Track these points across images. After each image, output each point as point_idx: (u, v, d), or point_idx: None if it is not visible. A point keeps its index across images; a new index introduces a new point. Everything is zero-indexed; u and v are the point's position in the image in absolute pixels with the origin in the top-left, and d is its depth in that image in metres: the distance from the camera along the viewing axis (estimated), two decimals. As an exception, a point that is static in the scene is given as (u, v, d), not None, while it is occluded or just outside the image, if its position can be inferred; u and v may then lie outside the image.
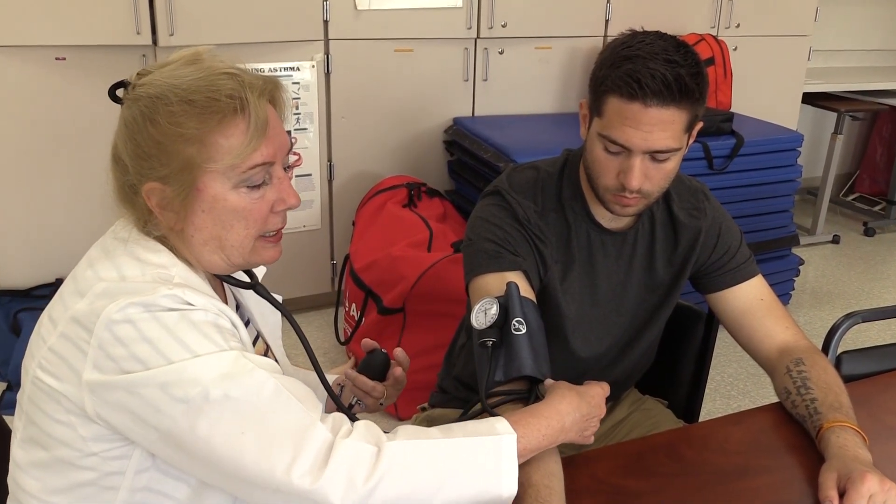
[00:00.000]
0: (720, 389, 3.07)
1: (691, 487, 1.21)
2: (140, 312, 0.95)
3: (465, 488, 1.01)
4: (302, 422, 0.97)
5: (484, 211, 1.47)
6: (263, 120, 1.03)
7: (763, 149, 3.34)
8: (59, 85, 2.86)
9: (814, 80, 4.53)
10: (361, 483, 0.95)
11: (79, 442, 0.99)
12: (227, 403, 0.94)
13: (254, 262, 1.11)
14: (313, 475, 0.94)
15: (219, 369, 0.95)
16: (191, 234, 1.06)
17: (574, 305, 1.49)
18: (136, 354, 0.94)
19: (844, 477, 1.15)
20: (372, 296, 2.87)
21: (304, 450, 0.95)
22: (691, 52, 1.29)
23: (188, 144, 1.00)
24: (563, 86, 3.68)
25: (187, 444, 0.95)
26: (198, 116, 1.00)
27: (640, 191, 1.33)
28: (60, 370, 0.97)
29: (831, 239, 4.62)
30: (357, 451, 0.97)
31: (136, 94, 1.03)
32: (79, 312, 0.97)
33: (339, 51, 3.19)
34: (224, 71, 1.03)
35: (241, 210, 1.05)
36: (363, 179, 3.35)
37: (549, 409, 1.15)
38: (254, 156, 1.02)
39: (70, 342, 0.97)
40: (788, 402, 1.38)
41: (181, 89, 1.00)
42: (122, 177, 1.06)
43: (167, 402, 0.94)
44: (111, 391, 0.95)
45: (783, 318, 1.50)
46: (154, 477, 1.03)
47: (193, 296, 0.99)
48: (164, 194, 1.03)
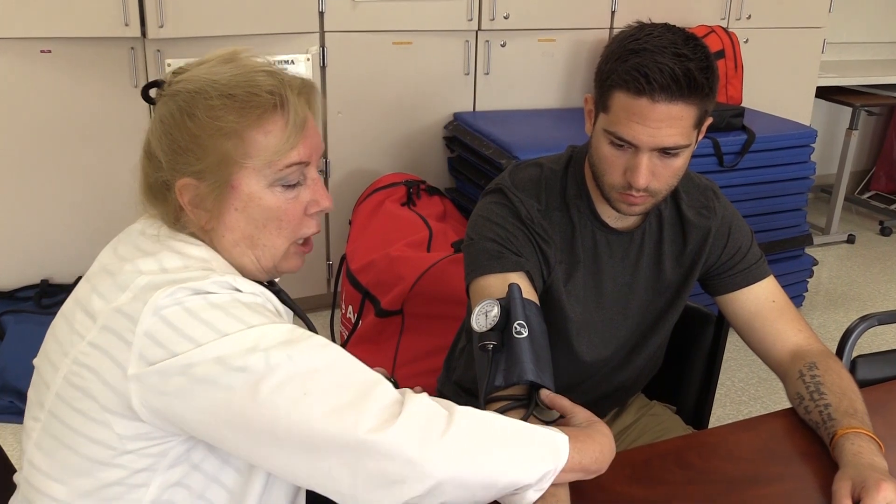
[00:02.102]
0: (730, 395, 3.07)
1: (700, 496, 1.21)
2: (189, 295, 0.97)
3: (517, 468, 1.03)
4: (369, 379, 0.99)
5: (485, 209, 1.47)
6: (303, 118, 1.06)
7: (775, 145, 3.34)
8: (44, 79, 2.86)
9: (828, 74, 4.53)
10: (438, 436, 0.97)
11: (114, 440, 0.99)
12: (289, 366, 0.95)
13: (282, 268, 1.13)
14: (386, 425, 0.94)
15: (277, 337, 0.97)
16: (222, 233, 1.08)
17: (579, 308, 1.49)
18: (187, 334, 0.95)
19: (859, 485, 1.15)
20: (369, 297, 2.87)
21: (374, 403, 0.96)
22: (701, 45, 1.30)
23: (226, 139, 1.03)
24: (568, 80, 3.68)
25: (248, 415, 0.94)
26: (237, 111, 1.02)
27: (647, 189, 1.34)
28: (102, 364, 0.98)
29: (846, 238, 4.62)
30: (429, 407, 1.00)
31: (172, 90, 1.05)
32: (123, 304, 0.98)
33: (335, 43, 3.19)
34: (263, 68, 1.06)
35: (275, 209, 1.07)
36: (360, 177, 3.35)
37: (603, 437, 1.16)
38: (291, 154, 1.05)
39: (113, 334, 0.97)
40: (801, 407, 1.38)
41: (221, 84, 1.03)
42: (154, 173, 1.07)
43: (224, 374, 0.94)
44: (160, 378, 0.95)
45: (796, 320, 1.50)
46: (185, 471, 1.03)
47: (241, 282, 1.02)
48: (197, 191, 1.05)
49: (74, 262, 3.06)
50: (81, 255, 3.07)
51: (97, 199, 3.04)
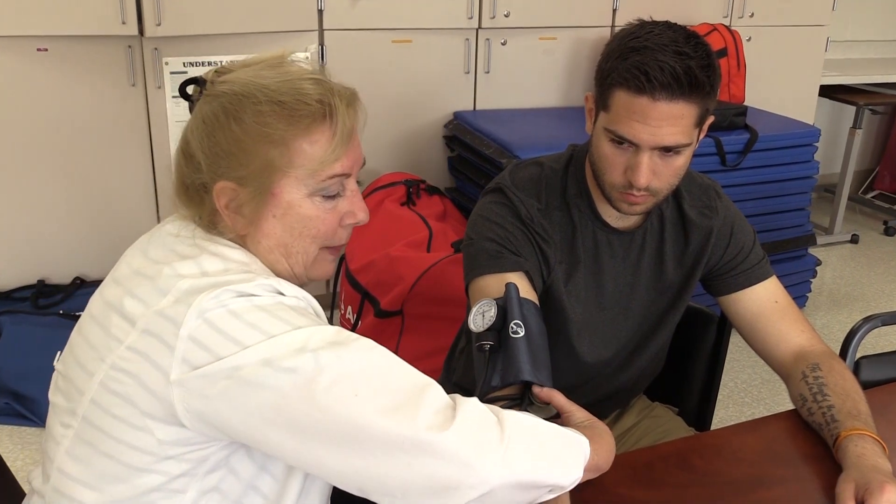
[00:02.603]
0: (733, 396, 3.07)
1: (703, 499, 1.21)
2: (234, 297, 0.96)
3: (560, 472, 1.04)
4: (419, 380, 0.99)
5: (485, 209, 1.47)
6: (350, 129, 1.07)
7: (778, 144, 3.34)
8: (40, 77, 2.86)
9: (831, 72, 4.53)
10: (494, 442, 0.96)
11: (154, 446, 0.98)
12: (339, 366, 0.94)
13: (312, 274, 1.13)
14: (441, 427, 0.94)
15: (325, 338, 0.96)
16: (258, 239, 1.07)
17: (579, 308, 1.49)
18: (233, 336, 0.94)
19: (863, 488, 1.15)
20: (369, 298, 2.87)
21: (426, 405, 0.95)
22: (702, 43, 1.30)
23: (272, 146, 1.02)
24: (569, 78, 3.68)
25: (299, 417, 0.93)
26: (287, 118, 1.02)
27: (648, 188, 1.34)
28: (142, 369, 0.96)
29: (850, 238, 4.62)
30: (482, 412, 0.99)
31: (217, 91, 1.04)
32: (165, 307, 0.97)
33: (334, 42, 3.19)
34: (311, 76, 1.06)
35: (313, 219, 1.07)
36: (360, 176, 3.34)
37: (607, 436, 1.17)
38: (335, 165, 1.06)
39: (154, 338, 0.96)
40: (804, 409, 1.38)
41: (270, 90, 1.02)
42: (192, 174, 1.06)
43: (272, 376, 0.92)
44: (204, 382, 0.94)
45: (799, 321, 1.50)
46: (223, 476, 1.03)
47: (285, 286, 1.01)
48: (236, 195, 1.04)
49: (71, 262, 3.06)
50: (78, 255, 3.08)
51: (94, 199, 3.04)
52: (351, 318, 2.98)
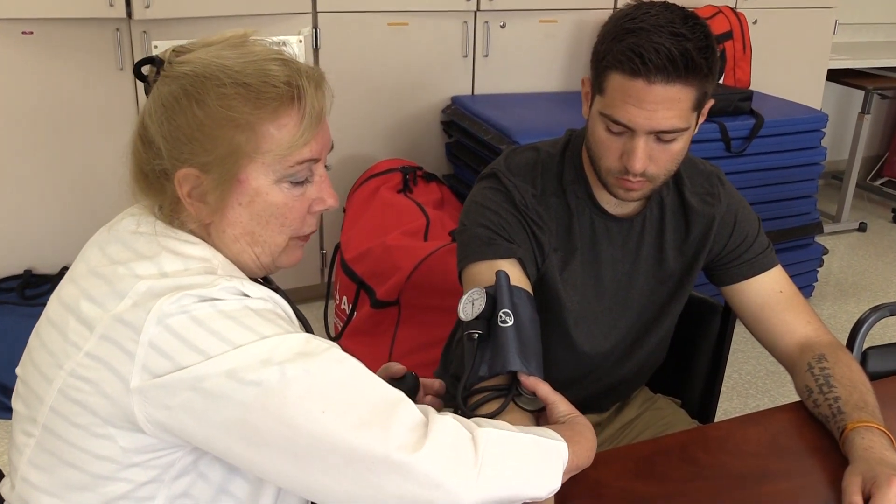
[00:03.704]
0: (737, 388, 3.08)
1: (706, 492, 1.21)
2: (196, 303, 0.94)
3: (536, 486, 1.04)
4: (390, 396, 0.98)
5: (479, 195, 1.47)
6: (318, 112, 1.04)
7: (785, 129, 3.33)
8: (26, 61, 2.85)
9: (839, 56, 4.52)
10: (468, 463, 0.97)
11: (118, 454, 0.97)
12: (306, 380, 0.93)
13: (280, 263, 1.11)
14: (413, 447, 0.93)
15: (292, 348, 0.95)
16: (223, 228, 1.05)
17: (576, 297, 1.49)
18: (196, 345, 0.92)
19: (870, 481, 1.15)
20: (364, 288, 2.87)
21: (397, 422, 0.95)
22: (700, 24, 1.29)
23: (238, 131, 1.00)
24: (570, 62, 3.67)
25: (265, 432, 0.92)
26: (253, 101, 0.99)
27: (644, 174, 1.34)
28: (102, 376, 0.94)
29: (857, 226, 4.63)
30: (455, 430, 0.99)
31: (176, 72, 1.01)
32: (123, 312, 0.94)
33: (328, 24, 3.18)
34: (277, 56, 1.03)
35: (280, 206, 1.05)
36: (354, 163, 3.35)
37: (588, 431, 1.17)
38: (303, 150, 1.03)
39: (113, 344, 0.94)
40: (810, 401, 1.38)
41: (234, 71, 0.99)
42: (151, 160, 1.03)
43: (236, 389, 0.91)
44: (166, 392, 0.92)
45: (804, 311, 1.50)
46: (192, 481, 1.02)
47: (249, 286, 0.99)
48: (199, 183, 1.02)
49: (58, 252, 3.06)
50: (66, 245, 3.07)
51: (82, 187, 3.03)
52: (346, 308, 2.98)
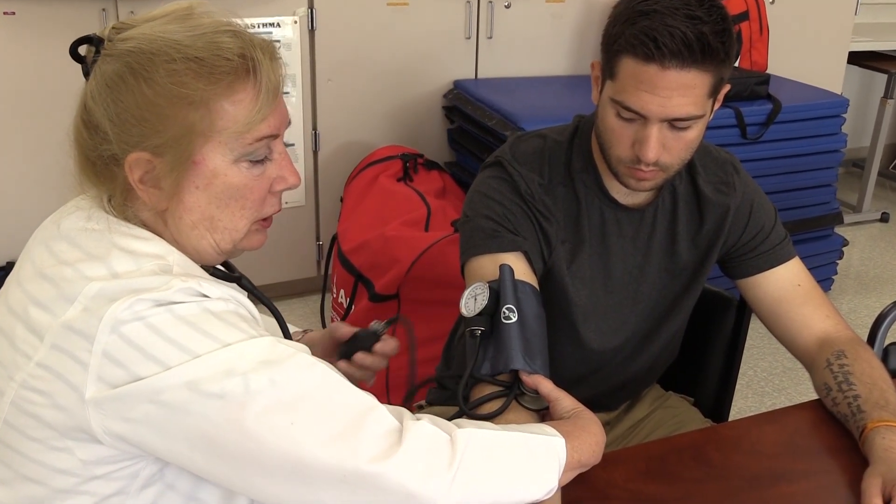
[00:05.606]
0: (752, 385, 3.08)
1: (720, 494, 1.22)
2: (151, 307, 0.92)
3: (524, 489, 1.04)
4: (363, 403, 0.97)
5: (483, 184, 1.47)
6: (275, 85, 1.02)
7: (803, 115, 3.33)
8: (8, 43, 2.85)
9: (861, 38, 4.51)
10: (445, 469, 0.96)
11: (78, 467, 0.96)
12: (272, 392, 0.92)
13: (242, 247, 1.10)
14: (384, 455, 0.93)
15: (256, 356, 0.93)
16: (179, 215, 1.03)
17: (584, 291, 1.49)
18: (152, 354, 0.91)
19: (890, 483, 1.16)
20: (362, 281, 2.88)
21: (370, 431, 0.95)
22: (717, 6, 1.29)
23: (191, 108, 0.97)
24: (578, 45, 3.67)
25: (229, 446, 0.92)
26: (206, 77, 0.97)
27: (657, 163, 1.33)
28: (54, 387, 0.93)
29: (879, 217, 4.62)
30: (431, 434, 0.99)
31: (118, 49, 0.99)
32: (73, 319, 0.93)
33: (324, 4, 3.17)
34: (226, 28, 1.01)
35: (240, 188, 1.03)
36: (352, 150, 3.35)
37: (594, 426, 1.17)
38: (261, 126, 1.01)
39: (65, 354, 0.93)
40: (829, 399, 1.38)
41: (183, 45, 0.97)
42: (97, 146, 1.01)
43: (198, 402, 0.90)
44: (123, 404, 0.91)
45: (823, 305, 1.50)
46: (160, 491, 1.01)
47: (208, 286, 0.97)
48: (152, 167, 1.00)
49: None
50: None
51: (67, 173, 3.03)
52: (344, 302, 2.98)
